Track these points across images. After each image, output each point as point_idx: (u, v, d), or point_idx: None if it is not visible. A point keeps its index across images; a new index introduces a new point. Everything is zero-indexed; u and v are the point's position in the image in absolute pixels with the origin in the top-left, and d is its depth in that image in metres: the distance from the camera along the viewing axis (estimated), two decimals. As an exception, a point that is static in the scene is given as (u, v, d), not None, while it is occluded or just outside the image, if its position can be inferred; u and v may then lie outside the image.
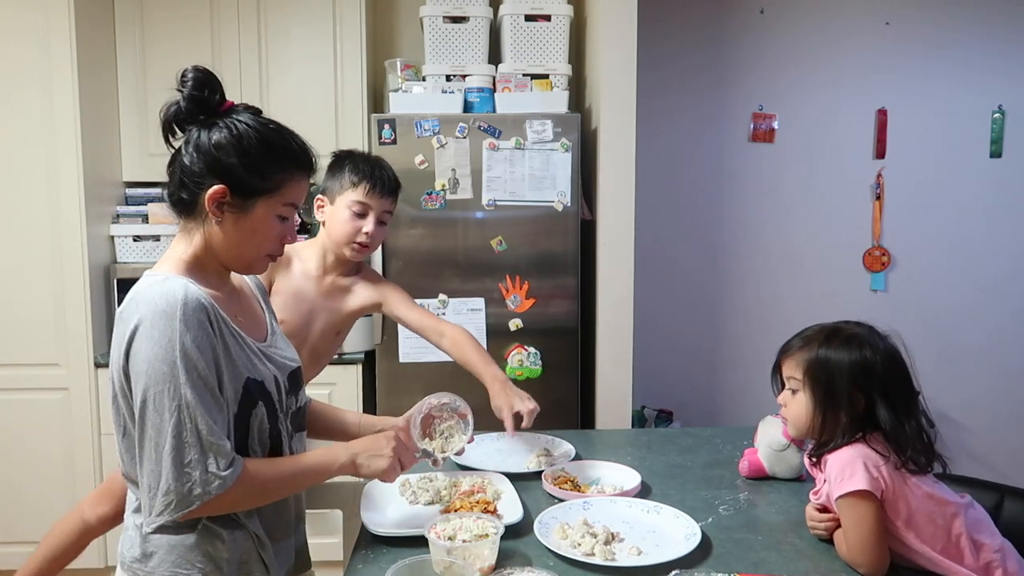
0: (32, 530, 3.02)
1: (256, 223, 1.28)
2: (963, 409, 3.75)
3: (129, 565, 1.27)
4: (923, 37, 3.65)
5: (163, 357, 1.16)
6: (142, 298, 1.21)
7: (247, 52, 3.14)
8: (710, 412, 3.74)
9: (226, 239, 1.29)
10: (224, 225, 1.28)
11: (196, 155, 1.26)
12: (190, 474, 1.16)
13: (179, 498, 1.17)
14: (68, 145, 2.91)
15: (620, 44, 2.78)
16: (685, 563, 1.32)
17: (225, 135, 1.25)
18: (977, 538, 1.33)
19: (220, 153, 1.25)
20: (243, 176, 1.25)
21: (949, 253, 3.74)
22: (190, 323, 1.18)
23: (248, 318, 1.38)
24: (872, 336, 1.39)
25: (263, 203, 1.28)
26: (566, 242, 2.85)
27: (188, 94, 1.27)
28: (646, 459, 1.90)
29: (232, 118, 1.28)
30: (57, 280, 2.95)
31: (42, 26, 2.87)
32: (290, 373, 1.41)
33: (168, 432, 1.16)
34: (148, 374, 1.16)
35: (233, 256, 1.31)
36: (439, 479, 1.65)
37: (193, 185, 1.27)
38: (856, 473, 1.29)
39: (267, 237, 1.30)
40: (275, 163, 1.27)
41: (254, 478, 1.22)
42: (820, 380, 1.38)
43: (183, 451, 1.16)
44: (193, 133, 1.27)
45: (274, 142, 1.28)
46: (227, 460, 1.18)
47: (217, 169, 1.25)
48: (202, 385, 1.18)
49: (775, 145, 3.69)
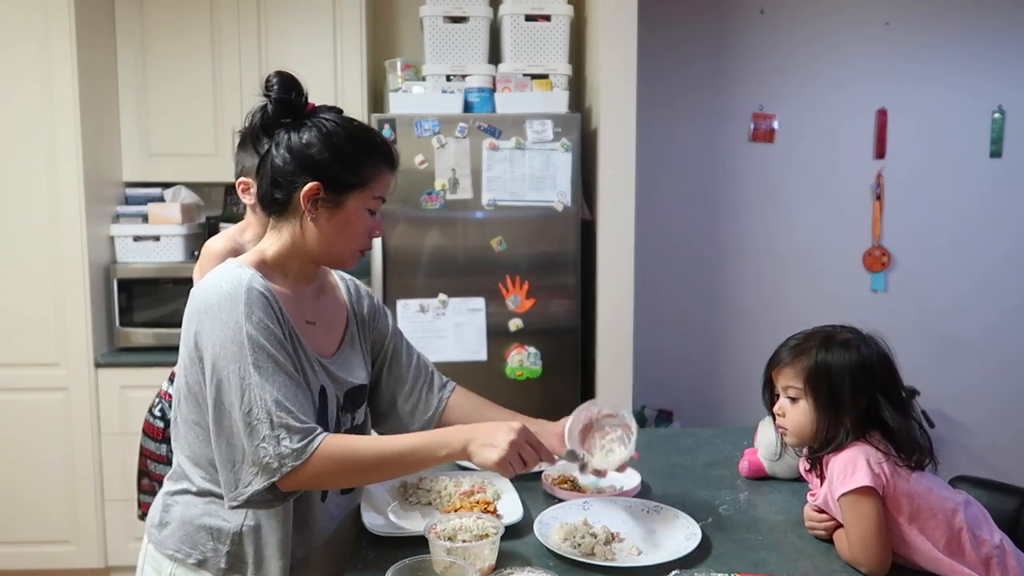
0: (32, 530, 3.02)
1: (349, 217, 1.32)
2: (963, 408, 3.75)
3: (149, 528, 1.37)
4: (923, 37, 3.65)
5: (231, 338, 1.21)
6: (211, 281, 1.26)
7: (247, 52, 3.14)
8: (710, 412, 3.74)
9: (320, 234, 1.32)
10: (318, 221, 1.31)
11: (288, 155, 1.30)
12: (265, 448, 1.20)
13: (261, 469, 1.20)
14: (68, 145, 2.91)
15: (620, 44, 2.78)
16: (685, 563, 1.31)
17: (315, 134, 1.30)
18: (977, 533, 1.33)
19: (312, 151, 1.29)
20: (336, 172, 1.30)
21: (949, 253, 3.74)
22: (254, 305, 1.23)
23: (323, 324, 1.41)
24: (863, 340, 1.40)
25: (355, 197, 1.32)
26: (566, 242, 2.85)
27: (276, 97, 1.31)
28: (646, 459, 1.90)
29: (319, 117, 1.32)
30: (57, 280, 2.95)
31: (42, 26, 2.87)
32: (349, 391, 1.42)
33: (238, 409, 1.20)
34: (218, 354, 1.22)
35: (326, 250, 1.34)
36: (439, 479, 1.64)
37: (287, 184, 1.31)
38: (858, 471, 1.30)
39: (359, 231, 1.34)
40: (364, 158, 1.32)
41: (339, 454, 1.23)
42: (823, 386, 1.37)
43: (255, 427, 1.20)
44: (282, 135, 1.31)
45: (361, 138, 1.33)
46: (300, 435, 1.20)
47: (310, 167, 1.29)
48: (271, 362, 1.22)
49: (775, 145, 3.69)
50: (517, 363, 2.85)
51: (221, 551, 1.30)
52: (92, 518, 3.03)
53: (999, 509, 1.58)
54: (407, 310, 2.83)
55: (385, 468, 1.30)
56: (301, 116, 1.32)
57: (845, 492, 1.31)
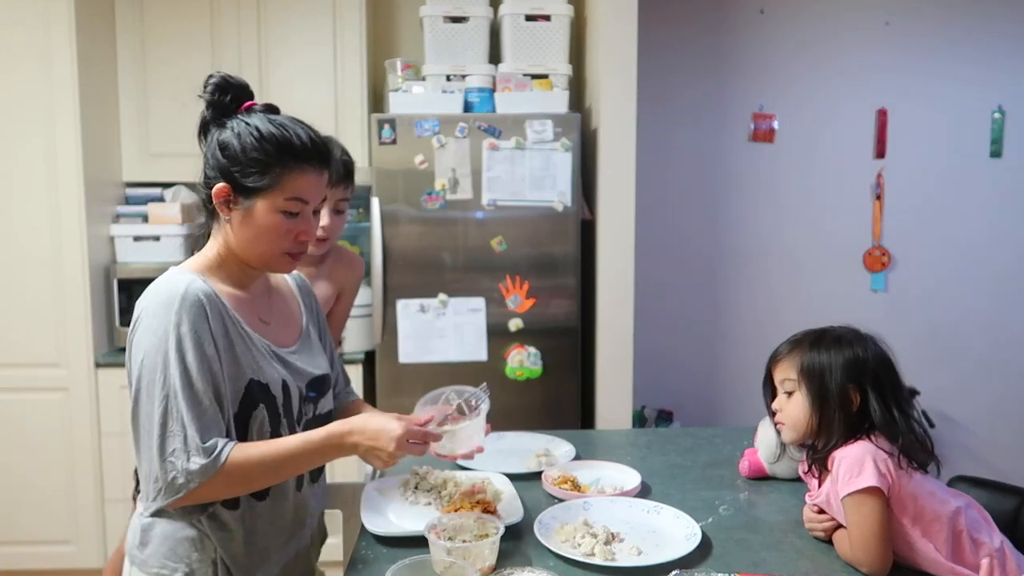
0: (32, 530, 3.02)
1: (259, 220, 1.29)
2: (964, 408, 3.75)
3: (130, 550, 1.32)
4: (923, 37, 3.65)
5: (157, 347, 1.21)
6: (152, 290, 1.26)
7: (247, 52, 3.14)
8: (710, 412, 3.74)
9: (237, 237, 1.31)
10: (233, 224, 1.30)
11: (208, 157, 1.30)
12: (174, 463, 1.19)
13: (166, 485, 1.20)
14: (68, 145, 2.91)
15: (620, 44, 2.78)
16: (685, 563, 1.32)
17: (227, 135, 1.28)
18: (976, 537, 1.34)
19: (222, 153, 1.28)
20: (239, 174, 1.27)
21: (949, 253, 3.74)
22: (187, 315, 1.21)
23: (278, 321, 1.41)
24: (859, 337, 1.43)
25: (263, 200, 1.28)
26: (566, 242, 2.85)
27: (207, 100, 1.31)
28: (646, 459, 1.90)
29: (238, 118, 1.30)
30: (57, 280, 2.95)
31: (42, 28, 2.87)
32: (311, 380, 1.42)
33: (156, 421, 1.20)
34: (143, 363, 1.22)
35: (249, 254, 1.33)
36: (439, 480, 1.64)
37: (206, 186, 1.31)
38: (865, 470, 1.30)
39: (275, 234, 1.30)
40: (273, 158, 1.27)
41: (240, 466, 1.22)
42: (815, 377, 1.40)
43: (167, 440, 1.20)
44: (211, 136, 1.32)
45: (272, 138, 1.27)
46: (209, 450, 1.20)
47: (220, 168, 1.28)
48: (191, 375, 1.20)
49: (775, 145, 3.69)
50: (517, 363, 2.85)
51: (207, 560, 1.29)
52: (92, 518, 3.03)
53: (998, 509, 1.58)
54: (407, 310, 2.83)
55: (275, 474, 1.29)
56: (230, 117, 1.31)
57: (851, 492, 1.31)
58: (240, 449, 1.23)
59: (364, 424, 1.30)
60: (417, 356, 2.84)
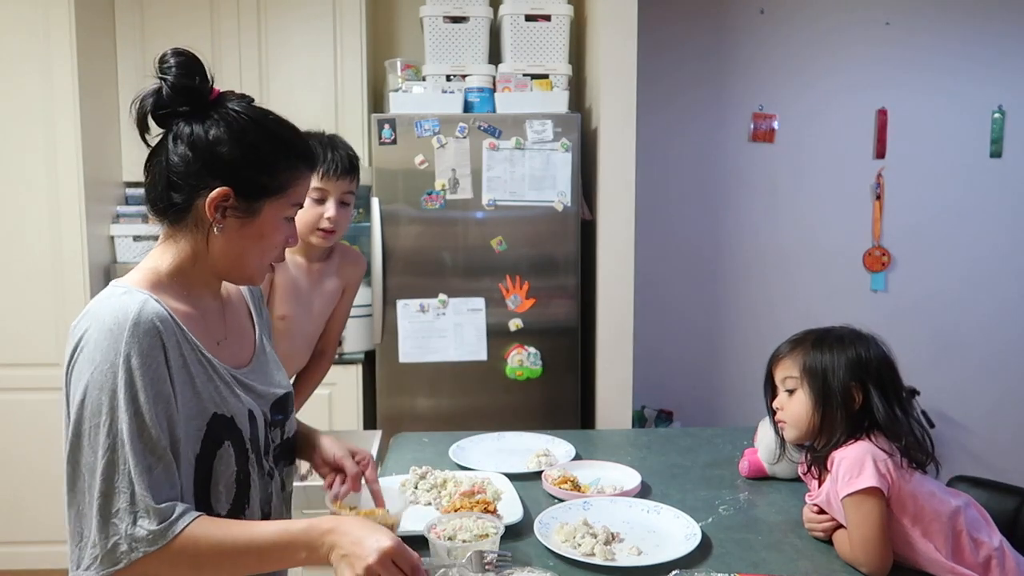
0: (32, 530, 3.02)
1: (264, 227, 1.14)
2: (964, 408, 3.75)
3: None
4: (923, 37, 3.65)
5: (101, 384, 1.01)
6: (93, 313, 1.05)
7: (247, 52, 3.14)
8: (710, 412, 3.74)
9: (228, 247, 1.14)
10: (227, 232, 1.12)
11: (191, 153, 1.10)
12: (116, 525, 0.99)
13: (104, 552, 0.99)
14: (68, 145, 2.91)
15: (620, 44, 2.78)
16: (685, 563, 1.32)
17: (223, 129, 1.10)
18: (976, 536, 1.34)
19: (221, 150, 1.09)
20: (249, 176, 1.11)
21: (949, 253, 3.74)
22: (138, 346, 1.02)
23: (233, 338, 1.24)
24: (860, 337, 1.44)
25: (271, 204, 1.14)
26: (566, 242, 2.85)
27: (173, 82, 1.09)
28: (646, 459, 1.90)
29: (227, 108, 1.12)
30: (57, 280, 2.95)
31: (42, 27, 2.87)
32: (275, 402, 1.26)
33: (99, 473, 1.00)
34: (83, 403, 1.01)
35: (233, 266, 1.17)
36: (439, 480, 1.64)
37: (187, 188, 1.11)
38: (865, 471, 1.30)
39: (274, 242, 1.17)
40: (282, 159, 1.14)
41: (195, 543, 1.01)
42: (818, 376, 1.41)
43: (112, 498, 1.00)
44: (182, 128, 1.11)
45: (279, 135, 1.15)
46: (163, 513, 1.00)
47: (218, 169, 1.10)
48: (143, 420, 1.01)
49: (775, 145, 3.69)
50: (517, 363, 2.85)
51: None
52: (92, 518, 3.03)
53: (998, 509, 1.58)
54: (407, 310, 2.83)
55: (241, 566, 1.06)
56: (205, 105, 1.12)
57: (851, 492, 1.31)
58: (202, 524, 1.03)
59: (351, 526, 1.05)
60: (417, 356, 2.84)
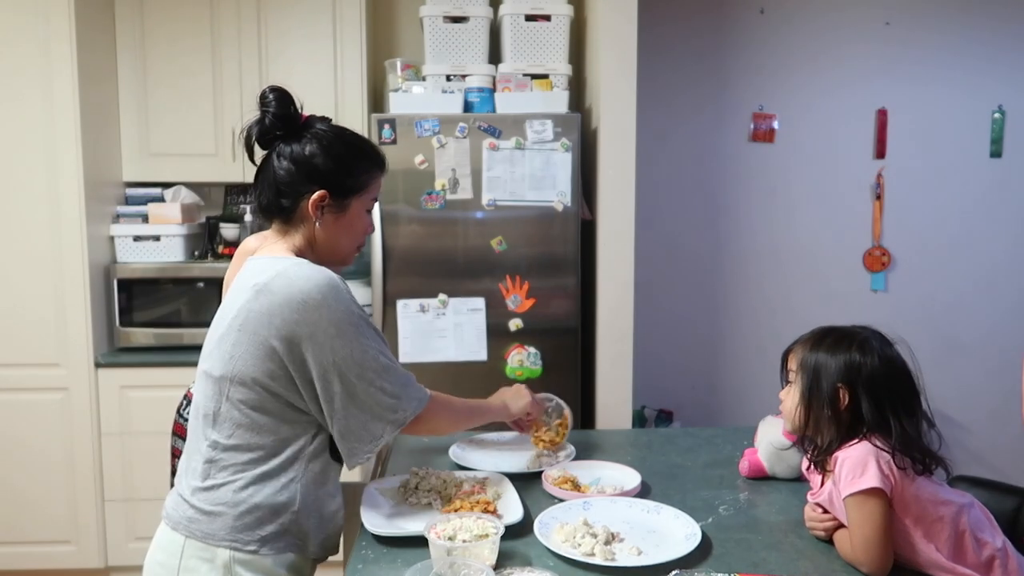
0: (32, 530, 3.02)
1: (352, 219, 1.48)
2: (963, 408, 3.75)
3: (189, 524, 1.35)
4: (923, 37, 3.65)
5: (347, 320, 1.36)
6: (297, 274, 1.36)
7: (247, 52, 3.14)
8: (710, 412, 3.74)
9: (327, 237, 1.46)
10: (325, 224, 1.45)
11: (293, 166, 1.42)
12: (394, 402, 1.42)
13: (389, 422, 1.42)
14: (68, 145, 2.91)
15: (620, 44, 2.78)
16: (685, 563, 1.32)
17: (316, 146, 1.43)
18: (980, 536, 1.34)
19: (317, 162, 1.42)
20: (339, 180, 1.44)
21: (949, 253, 3.74)
22: (348, 292, 1.40)
23: None
24: (871, 339, 1.40)
25: (357, 201, 1.48)
26: (566, 242, 2.85)
27: (275, 112, 1.42)
28: (646, 459, 1.90)
29: (316, 129, 1.45)
30: (57, 280, 2.95)
31: (42, 27, 2.87)
32: None
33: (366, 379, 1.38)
34: (335, 338, 1.35)
35: (332, 251, 1.49)
36: (439, 479, 1.65)
37: (292, 193, 1.43)
38: (868, 471, 1.30)
39: (359, 230, 1.52)
40: (361, 164, 1.47)
41: (443, 404, 1.56)
42: (808, 372, 1.40)
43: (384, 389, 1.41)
44: (283, 148, 1.43)
45: (357, 145, 1.48)
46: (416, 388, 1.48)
47: (316, 176, 1.42)
48: (377, 334, 1.42)
49: (775, 145, 3.69)
50: (517, 363, 2.85)
51: (280, 530, 1.35)
52: (92, 518, 3.03)
53: (998, 509, 1.58)
54: (407, 310, 2.83)
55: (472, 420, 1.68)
56: (298, 128, 1.44)
57: (853, 492, 1.31)
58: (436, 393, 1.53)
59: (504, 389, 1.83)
60: (417, 356, 2.84)
